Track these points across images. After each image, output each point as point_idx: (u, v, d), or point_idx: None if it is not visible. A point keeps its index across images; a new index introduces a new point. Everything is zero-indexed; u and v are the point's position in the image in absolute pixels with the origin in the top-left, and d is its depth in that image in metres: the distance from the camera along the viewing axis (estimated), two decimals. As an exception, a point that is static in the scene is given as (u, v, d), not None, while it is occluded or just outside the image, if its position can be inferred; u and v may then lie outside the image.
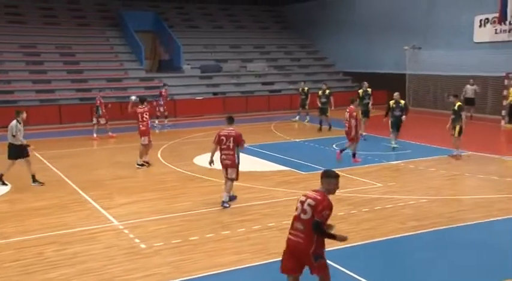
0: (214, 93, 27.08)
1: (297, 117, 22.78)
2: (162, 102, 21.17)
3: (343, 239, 5.64)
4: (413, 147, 16.19)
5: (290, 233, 5.71)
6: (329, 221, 5.61)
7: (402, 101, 15.89)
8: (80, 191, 11.51)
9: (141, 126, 13.93)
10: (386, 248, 7.71)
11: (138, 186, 12.07)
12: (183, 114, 24.27)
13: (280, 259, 5.80)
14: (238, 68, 29.98)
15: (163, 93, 21.55)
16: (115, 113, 20.28)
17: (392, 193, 10.90)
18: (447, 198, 10.77)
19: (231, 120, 10.36)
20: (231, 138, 10.03)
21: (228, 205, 10.18)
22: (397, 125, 15.69)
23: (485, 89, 22.64)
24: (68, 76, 25.90)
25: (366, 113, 18.11)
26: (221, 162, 10.21)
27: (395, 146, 15.69)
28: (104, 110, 18.92)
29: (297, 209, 5.69)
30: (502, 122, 20.88)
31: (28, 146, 12.05)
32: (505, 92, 21.22)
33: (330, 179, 5.67)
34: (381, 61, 27.99)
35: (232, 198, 10.47)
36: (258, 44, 32.67)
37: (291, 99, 27.12)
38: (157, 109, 20.79)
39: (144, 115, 13.91)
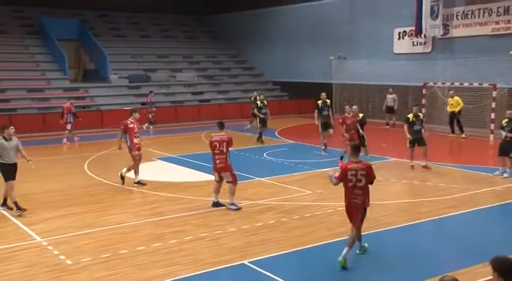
0: (143, 104, 26.57)
1: (248, 126, 21.90)
2: (152, 109, 23.15)
3: None
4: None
5: (352, 198, 7.63)
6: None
7: (361, 115, 15.33)
8: (-1, 207, 10.82)
9: (135, 140, 12.88)
10: (316, 255, 7.86)
11: (64, 200, 11.55)
12: (111, 125, 23.43)
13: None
14: (167, 77, 29.64)
15: (150, 99, 23.16)
16: (38, 125, 19.48)
17: (321, 200, 11.16)
18: (373, 203, 11.11)
19: (221, 126, 10.67)
20: (224, 144, 10.42)
21: (235, 207, 10.50)
22: (363, 138, 14.93)
23: (405, 97, 23.80)
24: (-16, 86, 24.48)
25: (325, 125, 16.83)
26: (215, 167, 10.55)
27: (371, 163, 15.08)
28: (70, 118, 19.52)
29: (350, 181, 7.52)
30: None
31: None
32: (423, 101, 22.42)
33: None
34: (309, 71, 28.67)
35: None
36: (186, 54, 32.50)
37: (221, 108, 27.17)
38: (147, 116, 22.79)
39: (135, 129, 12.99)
